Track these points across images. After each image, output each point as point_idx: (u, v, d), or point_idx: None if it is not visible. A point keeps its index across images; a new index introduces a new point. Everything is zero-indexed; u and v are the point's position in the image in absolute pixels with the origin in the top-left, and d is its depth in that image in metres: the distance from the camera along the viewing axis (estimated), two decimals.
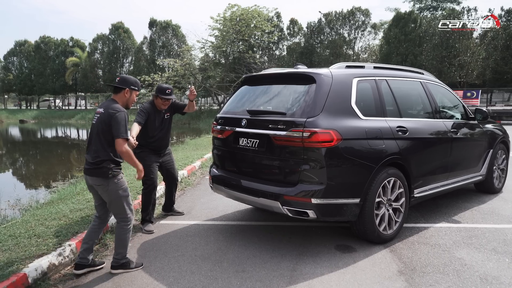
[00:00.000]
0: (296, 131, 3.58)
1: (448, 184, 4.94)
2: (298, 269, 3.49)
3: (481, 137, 5.61)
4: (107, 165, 3.34)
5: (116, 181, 3.38)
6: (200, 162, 8.73)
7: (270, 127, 3.81)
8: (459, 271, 3.40)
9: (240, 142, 4.19)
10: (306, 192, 3.58)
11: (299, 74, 4.05)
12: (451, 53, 27.82)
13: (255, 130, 3.98)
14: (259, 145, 3.95)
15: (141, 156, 4.37)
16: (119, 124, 3.29)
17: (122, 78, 3.53)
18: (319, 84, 3.77)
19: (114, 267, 3.49)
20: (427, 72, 5.38)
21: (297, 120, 3.62)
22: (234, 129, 4.23)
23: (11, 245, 3.70)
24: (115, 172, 3.38)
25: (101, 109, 3.43)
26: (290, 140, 3.65)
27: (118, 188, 3.39)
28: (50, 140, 24.99)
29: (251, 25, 24.46)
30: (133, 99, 3.54)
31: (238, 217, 5.06)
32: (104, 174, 3.33)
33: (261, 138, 3.93)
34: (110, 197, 3.41)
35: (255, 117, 4.05)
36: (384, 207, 4.01)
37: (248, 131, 4.07)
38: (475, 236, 4.23)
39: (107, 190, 3.38)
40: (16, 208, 6.74)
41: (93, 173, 3.36)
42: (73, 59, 48.77)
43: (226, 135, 4.39)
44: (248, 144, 4.08)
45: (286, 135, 3.65)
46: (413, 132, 4.30)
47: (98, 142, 3.35)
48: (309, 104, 3.68)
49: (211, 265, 3.60)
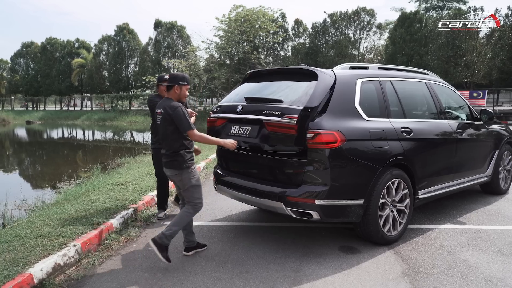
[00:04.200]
0: (290, 117, 3.55)
1: (453, 185, 4.91)
2: (302, 270, 3.48)
3: (487, 137, 5.58)
4: (180, 157, 3.64)
5: (189, 171, 3.68)
6: (205, 163, 8.75)
7: (264, 113, 3.79)
8: (463, 273, 3.38)
9: (232, 129, 4.16)
10: (309, 193, 3.58)
11: (302, 70, 4.08)
12: (457, 53, 27.67)
13: (249, 116, 3.96)
14: (250, 133, 3.92)
15: (155, 152, 4.94)
16: (181, 120, 3.54)
17: (171, 76, 3.78)
18: (321, 81, 3.78)
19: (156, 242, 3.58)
20: (432, 73, 5.36)
21: (293, 108, 3.59)
22: (228, 115, 4.22)
23: (17, 245, 3.73)
24: (189, 164, 3.68)
25: (160, 110, 3.69)
26: (282, 126, 3.61)
27: (191, 177, 3.69)
28: (56, 141, 25.16)
29: (256, 25, 24.46)
30: (184, 93, 3.74)
31: (242, 218, 5.07)
32: (179, 165, 3.64)
33: (254, 124, 3.90)
34: (184, 185, 3.71)
35: (251, 104, 4.04)
36: (388, 208, 3.99)
37: (241, 117, 4.04)
38: (480, 238, 4.21)
39: (181, 180, 3.70)
40: (22, 209, 6.79)
41: (169, 165, 3.70)
42: (79, 60, 49.12)
43: (219, 124, 4.36)
44: (239, 131, 4.06)
45: (279, 121, 3.62)
46: (417, 133, 4.28)
47: (170, 138, 3.65)
48: (309, 96, 3.66)
49: (215, 266, 3.61)
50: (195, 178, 3.74)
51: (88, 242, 3.92)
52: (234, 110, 4.16)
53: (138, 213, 5.11)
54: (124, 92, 47.21)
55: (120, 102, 46.02)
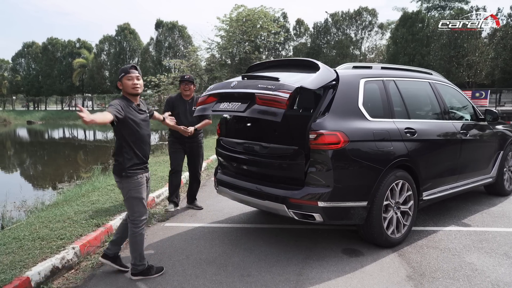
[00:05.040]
0: (283, 91, 3.32)
1: (457, 187, 4.84)
2: (304, 273, 3.42)
3: (491, 138, 5.50)
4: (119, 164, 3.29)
5: (130, 181, 3.28)
6: (206, 164, 8.69)
7: (259, 87, 3.55)
8: (469, 277, 3.31)
9: (220, 106, 3.92)
10: (312, 195, 3.51)
11: (304, 61, 4.03)
12: (460, 53, 27.52)
13: (241, 90, 3.72)
14: (238, 108, 3.65)
15: (169, 143, 5.41)
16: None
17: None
18: (323, 71, 3.71)
19: (133, 274, 3.40)
20: (436, 72, 5.29)
21: (289, 85, 3.39)
22: (220, 91, 4.01)
23: (15, 248, 3.67)
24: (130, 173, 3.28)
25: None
26: (273, 101, 3.35)
27: (130, 188, 3.28)
28: (57, 141, 25.15)
29: (257, 25, 24.40)
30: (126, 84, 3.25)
31: (243, 219, 5.01)
32: (118, 172, 3.31)
33: (245, 99, 3.66)
34: (123, 195, 3.36)
35: (247, 80, 3.87)
36: (392, 210, 3.92)
37: (233, 91, 3.82)
38: (485, 240, 4.14)
39: (121, 189, 3.36)
40: (21, 210, 6.74)
41: (113, 169, 3.42)
42: (80, 61, 49.16)
43: (209, 102, 4.14)
44: (227, 107, 3.80)
45: (271, 95, 3.36)
46: (421, 133, 4.21)
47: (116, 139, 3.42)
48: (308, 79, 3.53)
49: (216, 269, 3.54)
50: (136, 190, 3.28)
51: (87, 244, 3.86)
52: (228, 85, 3.94)
53: None
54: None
55: None
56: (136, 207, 3.30)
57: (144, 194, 3.36)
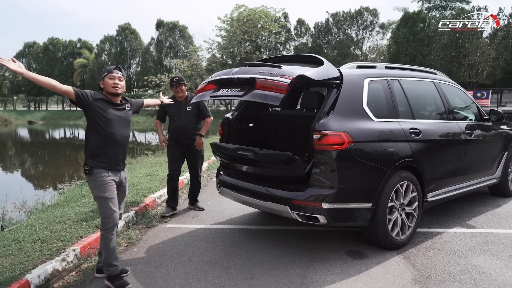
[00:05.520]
0: (285, 77, 3.27)
1: (462, 188, 4.79)
2: (309, 276, 3.36)
3: (496, 138, 5.45)
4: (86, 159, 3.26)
5: (92, 179, 3.20)
6: (207, 164, 8.63)
7: (260, 72, 3.50)
8: (476, 280, 3.26)
9: (219, 92, 3.85)
10: (316, 196, 3.46)
11: (309, 58, 3.97)
12: (461, 53, 27.42)
13: (242, 75, 3.65)
14: (236, 93, 3.57)
15: (168, 148, 5.31)
16: None
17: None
18: (327, 66, 3.68)
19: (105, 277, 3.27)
20: (440, 72, 5.24)
21: (292, 72, 3.35)
22: (221, 77, 3.94)
23: (14, 250, 3.62)
24: (87, 170, 3.21)
25: None
26: (273, 85, 3.28)
27: (93, 186, 3.21)
28: (58, 141, 25.11)
29: (258, 25, 24.38)
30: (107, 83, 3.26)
31: (245, 220, 4.95)
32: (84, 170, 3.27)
33: (244, 85, 3.57)
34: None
35: (249, 67, 3.82)
36: (396, 211, 3.87)
37: (234, 77, 3.73)
38: (491, 242, 4.08)
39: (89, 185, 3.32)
40: (21, 210, 6.70)
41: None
42: (81, 61, 49.17)
43: (208, 89, 4.03)
44: (226, 93, 3.72)
45: (272, 80, 3.31)
46: (426, 134, 4.16)
47: None
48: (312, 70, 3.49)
49: (218, 272, 3.49)
50: (99, 189, 3.17)
51: (87, 246, 3.81)
52: (229, 72, 3.88)
53: (139, 216, 5.00)
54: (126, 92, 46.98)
55: None
56: (101, 208, 3.19)
57: (109, 193, 3.19)
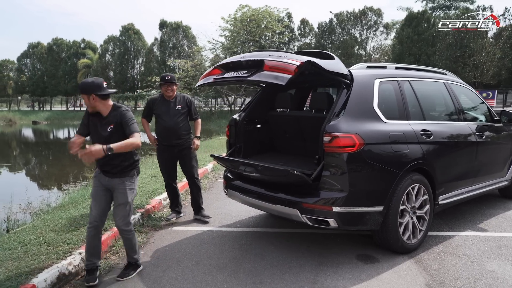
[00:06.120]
0: (294, 60, 3.22)
1: (473, 190, 4.71)
2: (319, 281, 3.30)
3: (507, 140, 5.35)
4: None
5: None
6: (212, 165, 8.57)
7: (269, 55, 3.46)
8: (492, 286, 3.18)
9: (225, 75, 3.76)
10: (326, 199, 3.39)
11: (320, 53, 3.86)
12: (466, 52, 27.29)
13: (250, 58, 3.61)
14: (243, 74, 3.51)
15: (157, 152, 5.09)
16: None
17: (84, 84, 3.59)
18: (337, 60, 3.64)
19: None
20: (450, 73, 5.16)
21: (301, 57, 3.29)
22: (228, 61, 3.87)
23: (20, 253, 3.58)
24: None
25: None
26: (281, 68, 3.22)
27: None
28: (62, 141, 25.12)
29: (261, 25, 24.32)
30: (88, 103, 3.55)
31: (253, 223, 4.89)
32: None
33: (252, 67, 3.51)
34: None
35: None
36: (408, 215, 3.79)
37: (242, 59, 3.67)
38: (504, 246, 4.00)
39: None
40: (27, 212, 6.66)
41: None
42: (84, 61, 49.28)
43: (214, 73, 3.92)
44: (233, 75, 3.66)
45: (280, 62, 3.26)
46: (437, 135, 4.08)
47: None
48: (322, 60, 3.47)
49: (227, 276, 3.43)
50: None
51: None
52: (238, 57, 3.83)
53: (145, 218, 4.94)
54: (129, 92, 47.21)
55: (125, 102, 46.02)
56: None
57: (95, 195, 3.58)
